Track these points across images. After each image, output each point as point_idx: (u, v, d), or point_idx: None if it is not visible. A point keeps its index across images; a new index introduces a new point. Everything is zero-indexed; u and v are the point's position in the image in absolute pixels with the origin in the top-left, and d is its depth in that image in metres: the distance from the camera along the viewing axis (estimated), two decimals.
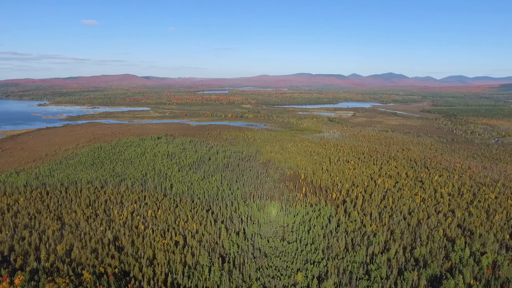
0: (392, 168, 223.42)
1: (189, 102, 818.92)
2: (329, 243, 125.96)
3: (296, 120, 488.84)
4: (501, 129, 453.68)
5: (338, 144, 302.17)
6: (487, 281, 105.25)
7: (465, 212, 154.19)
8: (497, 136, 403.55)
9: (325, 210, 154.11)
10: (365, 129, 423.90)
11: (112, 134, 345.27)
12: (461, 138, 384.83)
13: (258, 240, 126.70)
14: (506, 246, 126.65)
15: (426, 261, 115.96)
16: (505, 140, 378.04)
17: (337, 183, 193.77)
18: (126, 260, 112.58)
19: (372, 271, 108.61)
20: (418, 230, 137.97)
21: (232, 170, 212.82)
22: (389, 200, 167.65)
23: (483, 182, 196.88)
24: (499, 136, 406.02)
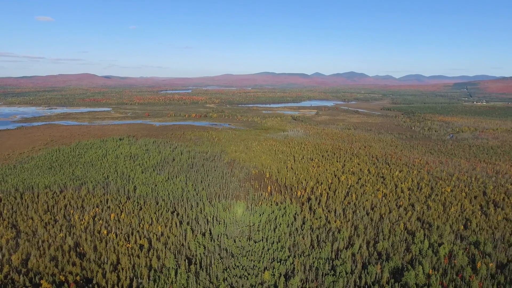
0: (355, 165, 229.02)
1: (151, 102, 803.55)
2: (295, 241, 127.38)
3: (260, 119, 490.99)
4: (455, 125, 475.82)
5: (302, 142, 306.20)
6: (444, 270, 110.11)
7: (423, 206, 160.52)
8: (452, 132, 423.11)
9: (290, 208, 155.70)
10: (328, 127, 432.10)
11: (71, 136, 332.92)
12: (419, 135, 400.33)
13: (224, 240, 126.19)
14: (460, 237, 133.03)
15: (388, 254, 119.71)
16: (459, 136, 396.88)
17: (301, 181, 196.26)
18: (88, 267, 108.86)
19: (338, 266, 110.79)
20: (381, 224, 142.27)
21: (197, 171, 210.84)
22: (352, 196, 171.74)
23: (440, 176, 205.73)
24: (453, 132, 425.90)
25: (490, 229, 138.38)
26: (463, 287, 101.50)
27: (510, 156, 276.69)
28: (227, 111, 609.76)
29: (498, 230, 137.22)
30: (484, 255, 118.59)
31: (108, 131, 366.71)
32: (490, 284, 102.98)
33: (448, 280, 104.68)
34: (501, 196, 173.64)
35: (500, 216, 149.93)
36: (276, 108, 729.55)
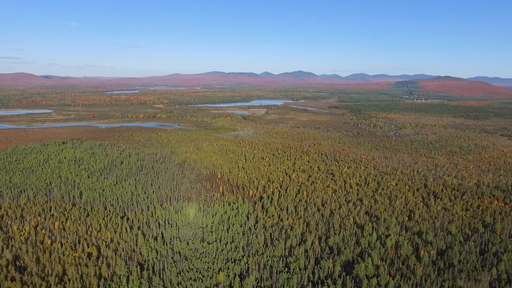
0: (305, 162, 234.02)
1: (96, 103, 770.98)
2: (249, 240, 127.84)
3: (210, 119, 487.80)
4: (398, 122, 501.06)
5: (253, 141, 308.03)
6: (392, 260, 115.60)
7: (371, 200, 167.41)
8: (395, 129, 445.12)
9: (243, 207, 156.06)
10: (278, 126, 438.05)
11: (7, 140, 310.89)
12: (365, 132, 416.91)
13: (177, 243, 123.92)
14: (405, 228, 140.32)
15: (339, 248, 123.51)
16: (402, 132, 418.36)
17: (253, 180, 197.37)
18: (30, 281, 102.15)
19: (291, 263, 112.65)
20: (331, 220, 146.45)
21: (146, 173, 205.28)
22: (303, 193, 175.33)
23: (385, 171, 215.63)
24: (397, 128, 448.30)
25: (431, 219, 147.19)
26: (409, 275, 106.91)
27: (446, 150, 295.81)
28: (176, 111, 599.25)
29: (438, 219, 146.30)
30: (426, 244, 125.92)
31: (50, 134, 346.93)
32: (432, 270, 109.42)
33: (395, 269, 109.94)
34: (440, 188, 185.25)
35: (439, 206, 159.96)
36: (226, 107, 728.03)
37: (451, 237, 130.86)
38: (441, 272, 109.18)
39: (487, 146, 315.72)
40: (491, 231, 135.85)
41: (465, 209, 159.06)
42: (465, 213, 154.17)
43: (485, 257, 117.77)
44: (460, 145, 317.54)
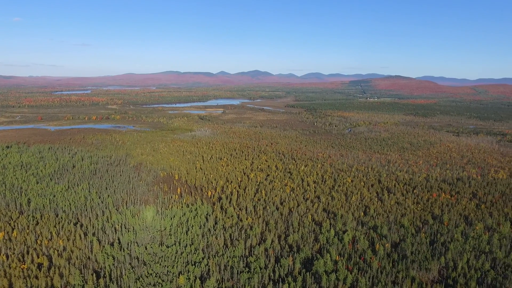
0: (263, 161, 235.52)
1: (45, 104, 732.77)
2: (209, 242, 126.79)
3: (166, 120, 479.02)
4: (352, 120, 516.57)
5: (210, 142, 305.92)
6: (349, 255, 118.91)
7: (328, 197, 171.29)
8: (350, 127, 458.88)
9: (201, 209, 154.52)
10: (236, 126, 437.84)
11: None
12: (321, 130, 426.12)
13: (135, 248, 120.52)
14: (361, 223, 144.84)
15: (299, 246, 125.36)
16: (356, 129, 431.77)
17: (211, 180, 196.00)
18: None
19: (252, 263, 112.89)
20: (290, 218, 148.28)
21: (100, 177, 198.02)
22: (262, 192, 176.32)
23: (341, 168, 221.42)
24: (351, 126, 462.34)
25: (385, 213, 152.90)
26: (365, 268, 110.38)
27: (398, 147, 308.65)
28: (131, 112, 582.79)
29: (391, 214, 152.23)
30: (381, 237, 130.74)
31: None
32: (387, 262, 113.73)
33: (353, 264, 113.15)
34: (392, 183, 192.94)
35: (392, 201, 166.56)
36: (182, 107, 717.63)
37: (404, 229, 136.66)
38: (396, 263, 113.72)
39: (435, 142, 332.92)
40: (440, 222, 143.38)
41: (416, 202, 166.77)
42: (416, 206, 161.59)
43: (434, 247, 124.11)
44: (411, 142, 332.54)
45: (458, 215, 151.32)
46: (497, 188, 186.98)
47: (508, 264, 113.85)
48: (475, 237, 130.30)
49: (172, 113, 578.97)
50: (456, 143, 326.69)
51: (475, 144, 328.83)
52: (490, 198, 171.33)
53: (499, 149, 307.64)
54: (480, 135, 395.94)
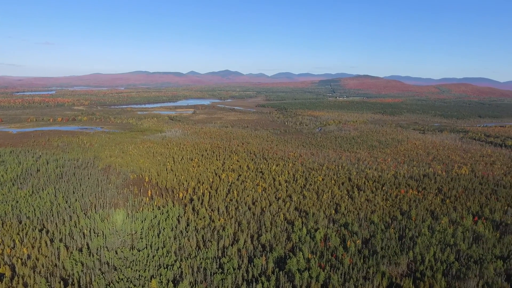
0: (234, 162, 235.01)
1: (5, 105, 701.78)
2: (181, 244, 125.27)
3: (135, 121, 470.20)
4: (322, 119, 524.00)
5: (180, 142, 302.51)
6: (321, 253, 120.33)
7: (300, 196, 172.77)
8: (320, 126, 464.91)
9: (173, 211, 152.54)
10: (206, 126, 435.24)
11: None
12: (292, 129, 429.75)
13: (105, 253, 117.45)
14: (333, 220, 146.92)
15: (271, 245, 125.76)
16: (326, 128, 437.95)
17: (183, 182, 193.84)
18: None
19: (225, 263, 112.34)
20: (262, 217, 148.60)
21: (67, 181, 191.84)
22: (234, 193, 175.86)
23: (312, 167, 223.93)
24: (321, 125, 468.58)
25: (356, 210, 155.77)
26: (337, 265, 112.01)
27: (367, 145, 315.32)
28: (99, 113, 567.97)
29: (361, 211, 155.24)
30: (352, 234, 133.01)
31: None
32: (358, 259, 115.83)
33: (325, 261, 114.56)
34: (362, 180, 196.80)
35: (362, 198, 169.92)
36: (152, 108, 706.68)
37: (374, 226, 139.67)
38: (366, 259, 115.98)
39: (402, 139, 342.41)
40: (408, 218, 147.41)
41: (385, 199, 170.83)
42: (385, 202, 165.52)
43: (403, 242, 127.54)
44: (379, 140, 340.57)
45: (425, 210, 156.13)
46: (460, 183, 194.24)
47: (471, 255, 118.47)
48: (440, 231, 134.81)
49: (141, 114, 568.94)
50: (422, 141, 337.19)
51: (440, 141, 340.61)
52: (454, 193, 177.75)
53: (462, 146, 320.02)
54: (444, 132, 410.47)
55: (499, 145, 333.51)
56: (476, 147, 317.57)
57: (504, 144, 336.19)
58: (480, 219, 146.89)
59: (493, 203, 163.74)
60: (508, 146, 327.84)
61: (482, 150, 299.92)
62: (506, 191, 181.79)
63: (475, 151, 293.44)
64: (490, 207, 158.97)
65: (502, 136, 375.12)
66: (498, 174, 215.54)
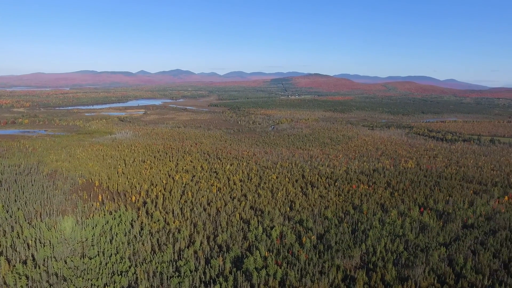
0: (188, 162, 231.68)
1: None
2: (135, 249, 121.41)
3: (83, 123, 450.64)
4: (275, 117, 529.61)
5: (132, 144, 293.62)
6: (278, 250, 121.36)
7: (255, 194, 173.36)
8: (273, 124, 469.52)
9: (126, 215, 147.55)
10: (158, 127, 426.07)
11: None
12: (245, 128, 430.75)
13: (52, 264, 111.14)
14: (288, 217, 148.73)
15: (228, 245, 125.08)
16: (279, 127, 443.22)
17: (135, 185, 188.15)
18: None
19: (181, 266, 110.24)
20: (218, 218, 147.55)
21: (8, 188, 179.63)
22: (188, 194, 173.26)
23: (266, 166, 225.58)
24: (274, 124, 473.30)
25: (310, 207, 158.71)
26: (294, 261, 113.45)
27: (319, 142, 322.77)
28: (42, 115, 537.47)
29: (315, 207, 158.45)
30: (307, 230, 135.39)
31: None
32: (314, 254, 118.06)
33: (282, 258, 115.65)
34: (315, 177, 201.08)
35: (316, 194, 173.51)
36: (100, 109, 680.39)
37: (328, 221, 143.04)
38: (322, 254, 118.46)
39: (353, 136, 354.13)
40: (359, 212, 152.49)
41: (338, 194, 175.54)
42: (338, 198, 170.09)
43: (356, 235, 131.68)
44: (331, 137, 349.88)
45: (376, 204, 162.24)
46: (407, 177, 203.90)
47: (418, 244, 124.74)
48: (390, 222, 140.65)
49: (89, 115, 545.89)
50: (371, 137, 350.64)
51: (388, 137, 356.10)
52: (402, 186, 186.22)
53: (408, 140, 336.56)
54: (391, 128, 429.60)
55: (441, 139, 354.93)
56: (421, 141, 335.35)
57: (445, 138, 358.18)
58: (426, 209, 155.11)
59: (437, 194, 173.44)
60: (448, 140, 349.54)
61: (426, 144, 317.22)
62: (447, 182, 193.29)
63: (419, 145, 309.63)
64: (434, 198, 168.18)
65: (443, 131, 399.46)
66: (440, 167, 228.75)
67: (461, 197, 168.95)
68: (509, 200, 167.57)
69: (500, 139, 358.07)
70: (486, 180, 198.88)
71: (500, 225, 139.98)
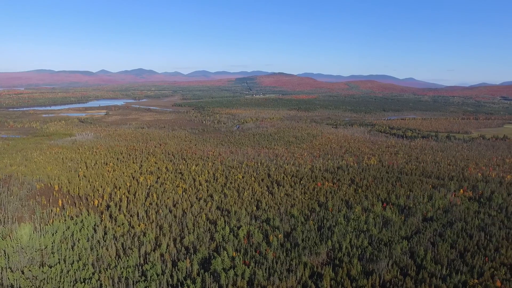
0: (152, 164, 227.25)
1: None
2: (99, 254, 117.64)
3: (40, 124, 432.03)
4: (240, 117, 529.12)
5: (93, 146, 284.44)
6: (245, 250, 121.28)
7: (221, 195, 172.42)
8: (238, 124, 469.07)
9: (88, 220, 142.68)
10: (121, 128, 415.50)
11: None
12: (210, 128, 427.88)
13: (8, 275, 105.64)
14: (255, 217, 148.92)
15: (195, 247, 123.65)
16: (244, 126, 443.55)
17: (97, 188, 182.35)
18: None
19: (148, 270, 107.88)
20: (184, 219, 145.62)
21: None
22: (153, 196, 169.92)
23: (232, 165, 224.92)
24: (239, 123, 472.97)
25: (276, 205, 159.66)
26: (262, 260, 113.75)
27: (284, 141, 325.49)
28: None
29: (282, 205, 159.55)
30: (274, 229, 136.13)
31: None
32: (281, 252, 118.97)
33: (249, 258, 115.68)
34: (281, 176, 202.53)
35: (282, 193, 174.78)
36: (59, 110, 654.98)
37: (294, 219, 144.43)
38: (289, 252, 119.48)
39: (317, 134, 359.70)
40: (325, 209, 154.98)
41: (304, 192, 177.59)
42: (303, 196, 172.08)
43: (322, 232, 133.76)
44: (295, 135, 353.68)
45: (340, 201, 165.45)
46: (370, 173, 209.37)
47: (381, 238, 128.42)
48: (355, 218, 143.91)
49: (47, 117, 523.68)
50: (335, 135, 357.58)
51: (351, 134, 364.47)
52: (365, 183, 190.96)
53: (370, 138, 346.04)
54: (354, 126, 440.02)
55: (401, 136, 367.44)
56: (382, 138, 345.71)
57: (405, 135, 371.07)
58: (388, 205, 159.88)
59: (398, 190, 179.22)
60: (408, 136, 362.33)
61: (387, 141, 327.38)
62: (408, 178, 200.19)
63: (381, 142, 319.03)
64: (396, 193, 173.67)
65: (403, 128, 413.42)
66: (401, 163, 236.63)
67: (421, 192, 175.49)
68: (464, 193, 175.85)
69: (456, 135, 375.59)
70: (443, 174, 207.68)
71: (456, 217, 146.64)
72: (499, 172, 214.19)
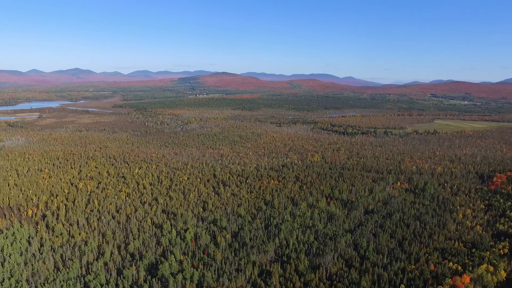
0: (93, 168, 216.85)
1: None
2: (34, 269, 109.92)
3: None
4: (184, 117, 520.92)
5: (25, 152, 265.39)
6: (193, 253, 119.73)
7: (166, 198, 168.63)
8: (182, 124, 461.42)
9: (21, 232, 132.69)
10: (56, 131, 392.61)
11: None
12: (153, 129, 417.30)
13: None
14: (201, 218, 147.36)
15: (141, 253, 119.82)
16: (188, 126, 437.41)
17: (31, 197, 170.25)
18: None
19: (91, 281, 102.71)
20: (129, 225, 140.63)
21: None
22: (94, 202, 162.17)
23: (177, 167, 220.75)
24: (183, 124, 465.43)
25: (223, 206, 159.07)
26: (210, 262, 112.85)
27: (229, 140, 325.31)
28: None
29: (228, 205, 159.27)
30: (221, 230, 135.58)
31: None
32: (229, 252, 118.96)
33: (198, 260, 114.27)
34: (227, 176, 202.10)
35: (228, 193, 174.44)
36: None
37: (241, 219, 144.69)
38: (237, 252, 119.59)
39: (261, 133, 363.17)
40: (271, 207, 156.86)
41: (250, 191, 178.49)
42: (250, 195, 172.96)
43: (269, 230, 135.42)
44: (240, 135, 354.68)
45: (286, 198, 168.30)
46: (314, 170, 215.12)
47: (327, 233, 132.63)
48: (300, 215, 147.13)
49: None
50: (279, 133, 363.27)
51: (294, 132, 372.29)
52: (309, 179, 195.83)
53: (313, 135, 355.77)
54: (297, 124, 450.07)
55: (342, 133, 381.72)
56: (325, 136, 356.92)
57: (346, 132, 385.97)
58: (332, 200, 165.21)
59: (341, 185, 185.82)
60: (349, 133, 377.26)
61: (330, 138, 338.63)
62: (350, 173, 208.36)
63: (324, 139, 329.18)
64: (339, 188, 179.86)
65: (344, 125, 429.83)
66: (343, 159, 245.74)
67: (362, 186, 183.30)
68: (401, 185, 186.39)
69: (392, 130, 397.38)
70: (382, 168, 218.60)
71: (394, 208, 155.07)
72: (431, 164, 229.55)
